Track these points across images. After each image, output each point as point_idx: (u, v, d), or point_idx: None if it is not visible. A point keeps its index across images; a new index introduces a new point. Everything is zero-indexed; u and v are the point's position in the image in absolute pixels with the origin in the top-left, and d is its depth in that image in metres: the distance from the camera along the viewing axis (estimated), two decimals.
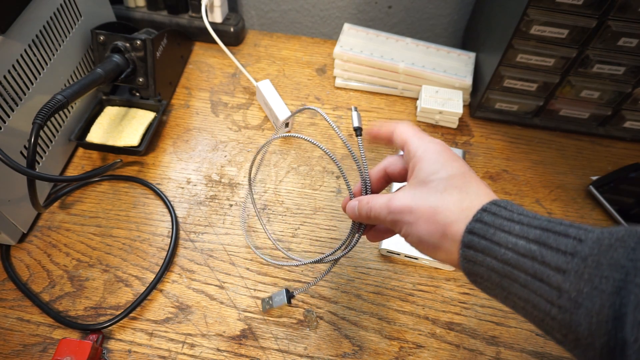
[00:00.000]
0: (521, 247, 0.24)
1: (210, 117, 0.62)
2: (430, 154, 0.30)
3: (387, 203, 0.31)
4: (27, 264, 0.48)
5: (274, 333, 0.45)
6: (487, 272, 0.26)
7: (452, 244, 0.27)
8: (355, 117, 0.36)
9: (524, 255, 0.24)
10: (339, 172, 0.57)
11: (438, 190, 0.29)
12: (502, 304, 0.27)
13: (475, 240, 0.26)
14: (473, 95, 0.65)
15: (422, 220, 0.28)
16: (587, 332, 0.21)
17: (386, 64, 0.64)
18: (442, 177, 0.29)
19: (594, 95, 0.58)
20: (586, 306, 0.21)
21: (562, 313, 0.22)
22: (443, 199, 0.28)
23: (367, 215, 0.33)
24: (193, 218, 0.52)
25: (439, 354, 0.44)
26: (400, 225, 0.30)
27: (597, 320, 0.21)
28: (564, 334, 0.23)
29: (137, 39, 0.55)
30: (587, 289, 0.21)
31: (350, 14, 0.76)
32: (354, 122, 0.36)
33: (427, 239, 0.28)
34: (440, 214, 0.28)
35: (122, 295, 0.47)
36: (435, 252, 0.29)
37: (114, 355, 0.43)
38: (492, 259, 0.25)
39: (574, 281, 0.22)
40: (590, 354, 0.22)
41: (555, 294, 0.22)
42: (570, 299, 0.22)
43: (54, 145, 0.53)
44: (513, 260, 0.24)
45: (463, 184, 0.28)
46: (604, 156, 0.61)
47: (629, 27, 0.50)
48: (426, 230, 0.28)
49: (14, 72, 0.45)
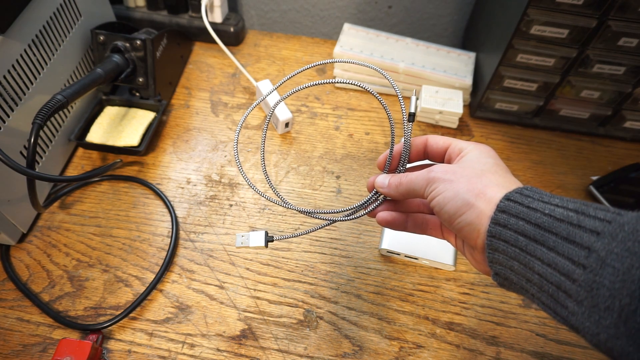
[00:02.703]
0: (559, 213, 0.25)
1: (210, 117, 0.62)
2: (480, 147, 0.32)
3: (428, 170, 0.32)
4: (26, 264, 0.48)
5: (274, 333, 0.45)
6: (514, 236, 0.26)
7: (486, 205, 0.28)
8: (413, 101, 0.36)
9: (561, 220, 0.25)
10: (339, 172, 0.57)
11: (485, 168, 0.30)
12: (515, 276, 0.27)
13: (511, 206, 0.27)
14: (473, 95, 0.65)
15: (464, 179, 0.29)
16: (609, 294, 0.21)
17: (386, 64, 0.64)
18: (490, 162, 0.31)
19: (594, 95, 0.58)
20: (613, 265, 0.21)
21: (586, 273, 0.22)
22: (489, 172, 0.30)
23: (400, 181, 0.33)
24: (193, 218, 0.52)
25: (439, 354, 0.44)
26: (436, 184, 0.30)
27: (622, 279, 0.21)
28: (580, 299, 0.22)
29: (137, 39, 0.55)
30: (618, 250, 0.21)
31: (350, 14, 0.76)
32: (412, 107, 0.36)
33: (463, 195, 0.29)
34: (484, 178, 0.29)
35: (122, 295, 0.46)
36: (467, 209, 0.29)
37: (113, 355, 0.43)
38: (525, 222, 0.26)
39: (607, 242, 0.22)
40: (606, 322, 0.21)
41: (583, 253, 0.23)
42: (599, 258, 0.22)
43: (53, 145, 0.53)
44: (547, 224, 0.25)
45: (508, 172, 0.31)
46: (604, 156, 0.61)
47: (629, 27, 0.50)
48: (465, 188, 0.29)
49: (13, 72, 0.45)
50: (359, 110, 0.64)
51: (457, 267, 0.49)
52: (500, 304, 0.47)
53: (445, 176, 0.30)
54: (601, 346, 0.22)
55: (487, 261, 0.29)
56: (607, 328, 0.21)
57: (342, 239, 0.51)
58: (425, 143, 0.35)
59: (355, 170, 0.58)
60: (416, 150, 0.36)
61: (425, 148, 0.35)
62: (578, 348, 0.45)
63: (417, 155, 0.36)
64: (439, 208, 0.30)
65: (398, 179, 0.33)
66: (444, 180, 0.30)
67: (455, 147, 0.33)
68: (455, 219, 0.29)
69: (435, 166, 0.31)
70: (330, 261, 0.50)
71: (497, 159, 0.31)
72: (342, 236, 0.52)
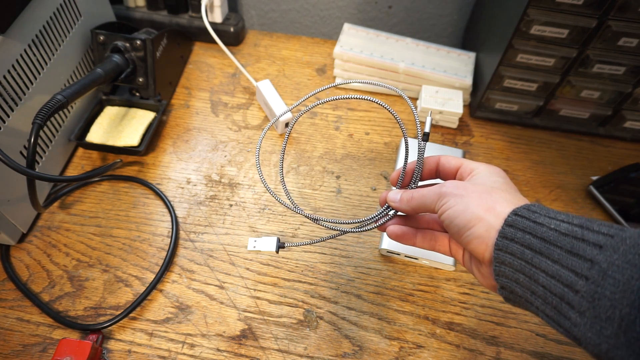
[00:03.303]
0: (564, 228, 0.26)
1: (210, 117, 0.62)
2: (491, 168, 0.33)
3: (439, 186, 0.33)
4: (26, 264, 0.48)
5: (274, 333, 0.45)
6: (520, 249, 0.27)
7: (495, 219, 0.29)
8: (428, 122, 0.37)
9: (565, 234, 0.25)
10: (339, 172, 0.57)
11: (495, 186, 0.31)
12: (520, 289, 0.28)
13: (518, 220, 0.28)
14: (473, 95, 0.65)
15: (475, 194, 0.30)
16: (610, 304, 0.22)
17: (386, 64, 0.64)
18: (500, 181, 0.32)
19: (594, 95, 0.58)
20: (614, 277, 0.22)
21: (588, 284, 0.23)
22: (499, 189, 0.31)
23: (412, 196, 0.34)
24: (193, 218, 0.52)
25: (439, 354, 0.44)
26: (447, 198, 0.31)
27: (623, 289, 0.21)
28: (583, 310, 0.23)
29: (137, 39, 0.55)
30: (620, 262, 0.22)
31: (350, 14, 0.76)
32: (427, 127, 0.37)
33: (473, 209, 0.30)
34: (494, 194, 0.30)
35: (122, 295, 0.46)
36: (476, 222, 0.29)
37: (113, 355, 0.43)
38: (531, 236, 0.27)
39: (609, 254, 0.23)
40: (607, 332, 0.22)
41: (586, 265, 0.23)
42: (601, 270, 0.23)
43: (53, 145, 0.53)
44: (552, 238, 0.26)
45: (517, 191, 0.32)
46: (604, 156, 0.61)
47: (629, 27, 0.50)
48: (476, 202, 0.30)
49: (13, 72, 0.45)
50: (359, 110, 0.64)
51: (457, 267, 0.49)
52: (500, 304, 0.47)
53: (457, 191, 0.31)
54: (602, 356, 0.23)
55: (494, 274, 0.29)
56: (608, 338, 0.22)
57: (342, 239, 0.51)
58: (437, 162, 0.37)
59: (355, 170, 0.58)
60: (428, 169, 0.37)
61: (437, 167, 0.37)
62: (578, 348, 0.45)
63: (429, 173, 0.37)
64: (449, 221, 0.31)
65: (410, 194, 0.35)
66: (455, 195, 0.31)
67: (467, 167, 0.34)
68: (464, 232, 0.30)
69: (447, 182, 0.32)
70: (330, 261, 0.50)
71: (507, 179, 0.33)
72: (342, 236, 0.52)
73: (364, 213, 0.53)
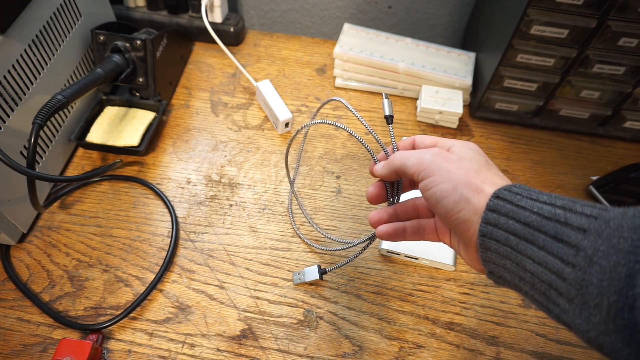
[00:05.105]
0: (547, 211, 0.25)
1: (210, 117, 0.62)
2: (468, 144, 0.33)
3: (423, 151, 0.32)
4: (27, 264, 0.48)
5: (274, 333, 0.45)
6: (505, 235, 0.26)
7: (479, 201, 0.28)
8: (386, 104, 0.36)
9: (549, 218, 0.25)
10: (339, 172, 0.57)
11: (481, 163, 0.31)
12: (508, 274, 0.27)
13: (500, 205, 0.27)
14: (473, 95, 0.65)
15: (463, 171, 0.29)
16: (597, 291, 0.21)
17: (386, 64, 0.64)
18: (482, 159, 0.31)
19: (594, 95, 0.58)
20: (600, 264, 0.22)
21: (575, 272, 0.23)
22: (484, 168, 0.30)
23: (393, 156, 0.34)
24: (193, 218, 0.52)
25: (439, 354, 0.44)
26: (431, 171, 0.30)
27: (609, 277, 0.21)
28: (571, 297, 0.23)
29: (137, 39, 0.55)
30: (604, 247, 0.22)
31: (350, 14, 0.76)
32: (385, 110, 0.36)
33: (462, 189, 0.29)
34: (481, 174, 0.29)
35: (122, 295, 0.47)
36: (464, 205, 0.29)
37: (113, 355, 0.43)
38: (515, 222, 0.26)
39: (593, 239, 0.22)
40: (595, 319, 0.22)
41: (572, 252, 0.23)
42: (586, 257, 0.22)
43: (54, 145, 0.53)
44: (536, 223, 0.25)
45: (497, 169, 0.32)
46: (604, 156, 0.61)
47: (629, 27, 0.50)
48: (464, 181, 0.29)
49: (14, 72, 0.45)
50: (359, 110, 0.64)
51: (457, 267, 0.49)
52: (500, 304, 0.47)
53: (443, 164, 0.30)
54: (592, 343, 0.22)
55: (481, 260, 0.29)
56: (596, 325, 0.22)
57: (342, 238, 0.51)
58: (413, 143, 0.36)
59: (355, 170, 0.58)
60: (404, 149, 0.37)
61: (414, 147, 0.36)
62: (578, 348, 0.45)
63: None
64: (435, 201, 0.30)
65: (392, 156, 0.34)
66: (440, 169, 0.30)
67: (444, 144, 0.34)
68: (452, 215, 0.29)
69: (431, 149, 0.32)
70: (330, 261, 0.50)
71: (486, 157, 0.32)
72: (342, 236, 0.52)
73: (364, 213, 0.53)
